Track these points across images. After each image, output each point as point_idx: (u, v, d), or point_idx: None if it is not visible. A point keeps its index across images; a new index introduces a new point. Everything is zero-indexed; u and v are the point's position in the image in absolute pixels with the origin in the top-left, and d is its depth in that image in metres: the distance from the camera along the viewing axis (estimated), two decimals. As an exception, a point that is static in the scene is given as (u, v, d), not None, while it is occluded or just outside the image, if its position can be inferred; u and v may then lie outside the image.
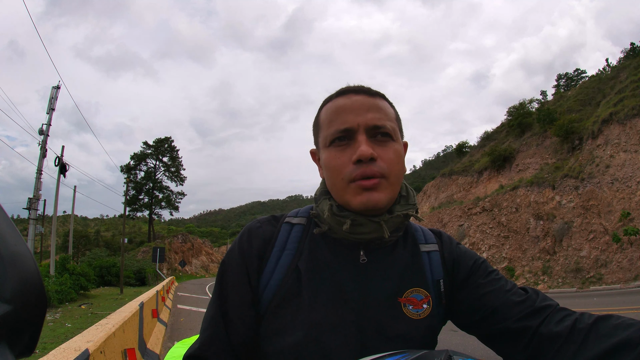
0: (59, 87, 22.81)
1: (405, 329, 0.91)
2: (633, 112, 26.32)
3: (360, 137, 0.91)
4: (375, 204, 0.89)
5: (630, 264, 21.63)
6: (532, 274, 27.59)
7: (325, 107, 1.00)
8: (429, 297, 0.95)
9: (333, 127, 0.94)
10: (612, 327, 0.77)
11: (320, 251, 0.97)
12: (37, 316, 0.54)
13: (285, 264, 0.96)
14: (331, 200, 0.96)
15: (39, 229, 23.23)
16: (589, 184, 26.69)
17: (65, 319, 13.18)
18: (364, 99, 0.95)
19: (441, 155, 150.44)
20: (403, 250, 1.00)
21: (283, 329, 0.90)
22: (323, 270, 0.94)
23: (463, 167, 44.95)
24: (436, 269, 1.00)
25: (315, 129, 1.04)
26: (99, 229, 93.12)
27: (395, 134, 0.95)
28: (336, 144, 0.94)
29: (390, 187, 0.91)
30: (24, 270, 0.52)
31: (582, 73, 58.29)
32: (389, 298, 0.92)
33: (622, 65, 41.03)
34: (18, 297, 0.50)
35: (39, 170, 21.17)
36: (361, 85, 0.99)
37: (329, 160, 0.94)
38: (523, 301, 0.90)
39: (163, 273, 41.30)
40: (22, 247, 0.54)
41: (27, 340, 0.52)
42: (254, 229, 1.01)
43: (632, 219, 22.98)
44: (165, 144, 64.71)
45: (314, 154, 1.07)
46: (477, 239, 33.89)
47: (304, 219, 1.04)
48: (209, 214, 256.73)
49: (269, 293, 0.94)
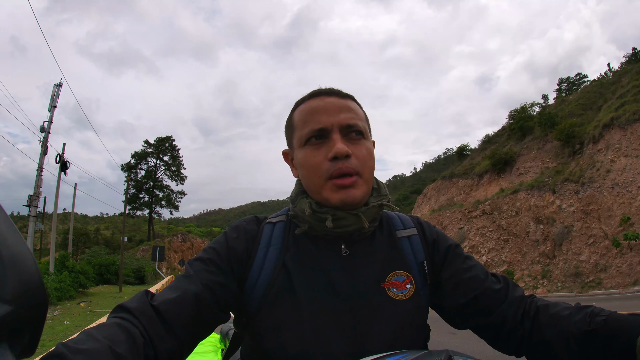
0: (60, 85, 22.75)
1: (393, 311, 0.95)
2: (634, 117, 26.29)
3: (335, 135, 0.96)
4: (353, 200, 0.95)
5: (629, 269, 21.62)
6: (532, 277, 27.57)
7: (298, 109, 1.05)
8: (410, 277, 1.00)
9: (308, 127, 0.99)
10: (550, 317, 0.89)
11: (305, 248, 1.01)
12: (38, 317, 0.54)
13: (273, 259, 0.99)
14: (309, 198, 1.01)
15: (39, 226, 23.19)
16: (590, 188, 26.67)
17: (64, 316, 13.21)
18: (336, 101, 1.01)
19: (442, 157, 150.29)
20: (381, 238, 1.05)
21: (281, 325, 0.92)
22: (310, 265, 0.98)
23: (464, 170, 44.94)
24: (418, 252, 1.05)
25: (289, 130, 1.08)
26: (98, 227, 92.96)
27: (366, 132, 1.02)
28: (311, 143, 0.99)
29: (364, 183, 0.97)
30: (24, 271, 0.52)
31: (583, 77, 58.23)
32: (374, 284, 0.97)
33: (624, 70, 40.96)
34: (18, 298, 0.50)
35: (39, 168, 21.15)
36: (332, 88, 1.05)
37: (305, 158, 0.99)
38: (500, 289, 0.98)
39: (162, 272, 41.26)
40: (23, 248, 0.53)
41: (27, 340, 0.52)
42: (241, 227, 1.05)
43: (632, 224, 22.95)
44: (166, 143, 64.61)
45: (287, 155, 1.12)
46: (477, 242, 33.86)
47: (284, 216, 1.09)
48: (209, 214, 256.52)
49: (259, 289, 0.96)
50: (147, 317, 0.80)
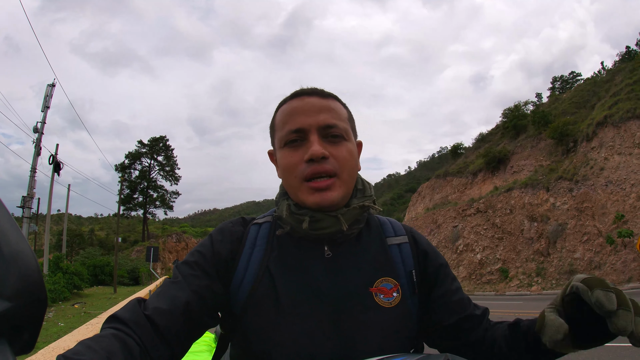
0: (54, 85, 22.63)
1: (379, 317, 0.93)
2: (628, 115, 26.50)
3: (313, 137, 0.95)
4: (330, 202, 0.94)
5: (623, 266, 21.79)
6: (526, 275, 27.72)
7: (280, 109, 1.04)
8: (398, 286, 0.98)
9: (286, 128, 0.98)
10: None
11: (289, 250, 1.00)
12: (37, 313, 0.54)
13: (257, 260, 0.98)
14: (289, 200, 1.01)
15: (33, 228, 23.06)
16: (583, 186, 26.85)
17: (58, 318, 13.12)
18: (316, 101, 0.99)
19: (436, 156, 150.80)
20: (369, 242, 1.03)
21: (265, 328, 0.91)
22: (293, 268, 0.97)
23: (458, 168, 45.14)
24: (407, 261, 1.03)
25: (272, 130, 1.08)
26: (93, 227, 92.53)
27: (347, 133, 1.00)
28: (290, 144, 0.98)
29: (343, 184, 0.96)
30: (24, 268, 0.52)
31: (577, 76, 58.43)
32: (361, 289, 0.95)
33: (617, 69, 41.29)
34: (18, 295, 0.51)
35: (33, 169, 21.02)
36: (314, 88, 1.03)
37: (283, 159, 0.99)
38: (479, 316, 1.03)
39: (157, 272, 41.11)
40: (24, 245, 0.54)
41: (27, 337, 0.52)
42: (227, 229, 1.04)
43: (625, 222, 23.13)
44: (160, 143, 64.36)
45: (272, 155, 1.11)
46: (472, 240, 34.01)
47: (270, 217, 1.08)
48: (204, 214, 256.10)
49: (244, 291, 0.96)
50: (141, 327, 0.80)
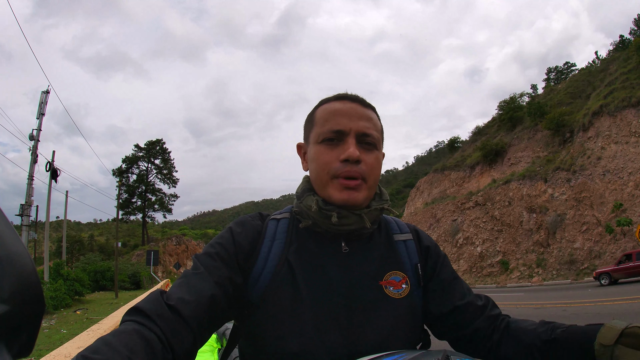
0: (48, 92, 22.53)
1: (389, 308, 1.01)
2: (623, 103, 26.55)
3: (350, 140, 1.03)
4: (355, 201, 1.02)
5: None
6: (527, 266, 27.80)
7: (322, 107, 1.11)
8: (406, 278, 1.06)
9: (327, 127, 1.05)
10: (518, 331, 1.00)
11: (307, 243, 1.06)
12: (35, 316, 0.54)
13: (277, 252, 1.04)
14: (315, 195, 1.07)
15: (32, 235, 23.04)
16: (581, 176, 26.93)
17: (60, 325, 13.13)
18: (359, 108, 1.07)
19: (433, 151, 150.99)
20: (379, 239, 1.11)
21: (283, 316, 0.96)
22: (312, 261, 1.03)
23: (455, 162, 45.19)
24: (413, 255, 1.11)
25: (309, 125, 1.14)
26: (92, 233, 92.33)
27: (379, 143, 1.08)
28: (327, 142, 1.04)
29: (368, 188, 1.04)
30: (21, 270, 0.52)
31: (572, 66, 58.44)
32: (372, 281, 1.03)
33: (611, 58, 41.33)
34: (15, 297, 0.50)
35: (30, 177, 20.96)
36: (357, 95, 1.11)
37: (318, 154, 1.06)
38: (481, 306, 1.07)
39: (158, 276, 41.16)
40: (20, 247, 0.54)
41: (24, 340, 0.52)
42: (246, 222, 1.09)
43: (624, 210, 23.22)
44: (156, 146, 64.34)
45: (300, 148, 1.19)
46: (471, 233, 34.10)
47: (287, 213, 1.14)
48: (203, 215, 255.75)
49: (263, 281, 1.00)
50: (164, 319, 0.79)
